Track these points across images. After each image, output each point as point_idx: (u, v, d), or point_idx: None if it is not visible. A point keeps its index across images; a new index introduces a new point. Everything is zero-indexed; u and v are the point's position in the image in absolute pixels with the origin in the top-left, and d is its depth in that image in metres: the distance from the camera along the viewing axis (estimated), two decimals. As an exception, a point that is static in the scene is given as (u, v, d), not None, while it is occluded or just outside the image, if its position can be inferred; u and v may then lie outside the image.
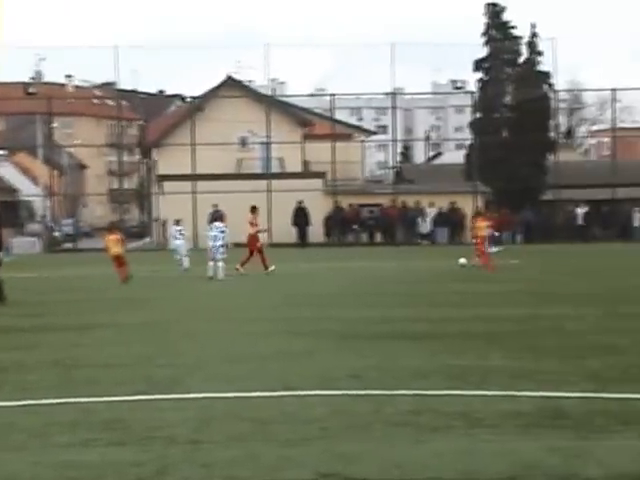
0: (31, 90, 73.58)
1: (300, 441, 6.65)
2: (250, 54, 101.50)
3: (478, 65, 57.02)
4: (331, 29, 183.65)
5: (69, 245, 61.16)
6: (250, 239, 28.14)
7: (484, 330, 13.05)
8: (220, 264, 25.53)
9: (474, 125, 57.92)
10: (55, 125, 75.98)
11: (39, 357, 11.24)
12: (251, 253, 28.02)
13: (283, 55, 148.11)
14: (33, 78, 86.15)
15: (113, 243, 26.02)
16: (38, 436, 6.93)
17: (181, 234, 31.75)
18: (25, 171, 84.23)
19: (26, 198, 76.55)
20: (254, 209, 29.43)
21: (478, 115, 57.89)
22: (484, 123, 56.63)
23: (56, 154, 78.72)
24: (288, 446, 6.52)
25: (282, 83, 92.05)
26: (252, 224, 28.58)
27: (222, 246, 25.82)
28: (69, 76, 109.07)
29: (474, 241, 30.66)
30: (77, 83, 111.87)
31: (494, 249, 32.10)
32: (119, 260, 25.64)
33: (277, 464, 6.07)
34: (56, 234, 63.83)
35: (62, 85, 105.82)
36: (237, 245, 29.59)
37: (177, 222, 32.68)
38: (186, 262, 29.95)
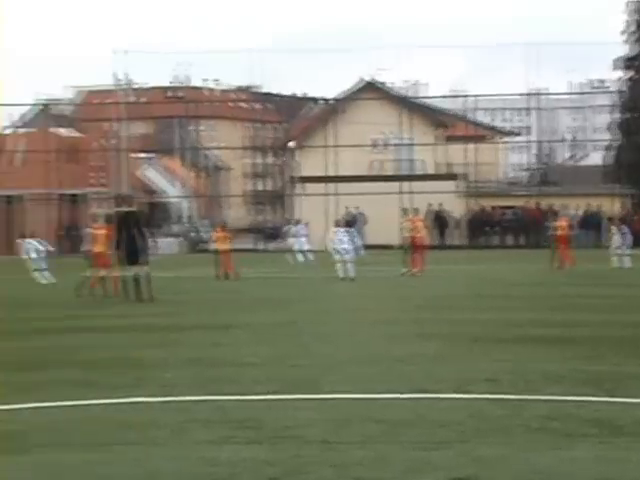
0: (174, 94, 75.32)
1: (433, 444, 6.62)
2: (383, 56, 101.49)
3: (624, 63, 55.33)
4: (465, 31, 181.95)
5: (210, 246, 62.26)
6: (414, 240, 27.97)
7: (616, 335, 12.76)
8: (349, 265, 25.83)
9: (621, 125, 56.21)
10: (196, 128, 77.55)
11: (179, 355, 11.52)
12: (417, 253, 27.92)
13: (417, 57, 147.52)
14: (177, 82, 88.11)
15: (221, 240, 28.76)
16: (177, 432, 7.12)
17: (301, 234, 32.92)
18: (170, 173, 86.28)
19: (170, 200, 78.47)
20: (414, 211, 30.19)
21: (624, 115, 56.14)
22: (631, 123, 54.81)
23: (199, 156, 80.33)
24: (420, 449, 6.51)
25: (417, 84, 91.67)
26: (413, 227, 28.47)
27: (351, 247, 26.17)
28: (211, 80, 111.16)
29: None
30: (218, 86, 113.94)
31: (627, 251, 31.04)
32: (226, 255, 28.14)
33: (410, 467, 6.07)
34: (201, 235, 65.16)
35: (203, 89, 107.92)
36: (371, 247, 29.72)
37: (297, 222, 33.80)
38: (299, 257, 31.31)
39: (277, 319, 16.01)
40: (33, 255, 28.38)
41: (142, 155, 78.54)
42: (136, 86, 70.33)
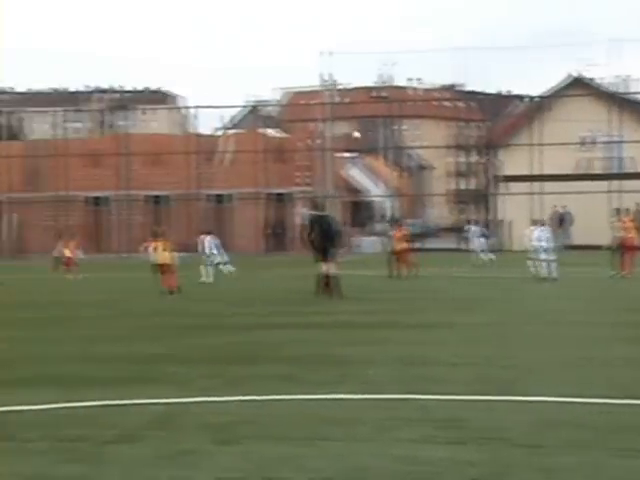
0: (378, 94, 75.88)
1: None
2: (592, 52, 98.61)
3: None
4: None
5: (413, 245, 62.45)
6: (624, 241, 27.13)
7: None
8: (552, 265, 25.33)
9: None
10: (399, 127, 77.82)
11: (383, 353, 11.57)
12: (627, 254, 27.04)
13: (630, 52, 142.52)
14: (380, 82, 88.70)
15: (399, 240, 29.34)
16: (380, 430, 7.13)
17: (479, 234, 33.66)
18: (372, 172, 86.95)
19: (373, 199, 79.08)
20: (625, 211, 29.41)
21: None
22: None
23: (402, 155, 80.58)
24: (632, 457, 6.25)
25: (628, 80, 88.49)
26: (624, 227, 27.62)
27: (551, 246, 25.75)
28: (415, 79, 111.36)
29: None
30: (422, 86, 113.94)
31: None
32: (403, 255, 28.80)
33: (621, 476, 5.85)
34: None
35: (407, 88, 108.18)
36: (577, 247, 29.03)
37: (476, 222, 34.45)
38: (483, 257, 32.17)
39: (479, 319, 15.84)
40: (214, 251, 29.70)
41: (346, 155, 79.45)
42: (340, 86, 71.24)
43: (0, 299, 23.42)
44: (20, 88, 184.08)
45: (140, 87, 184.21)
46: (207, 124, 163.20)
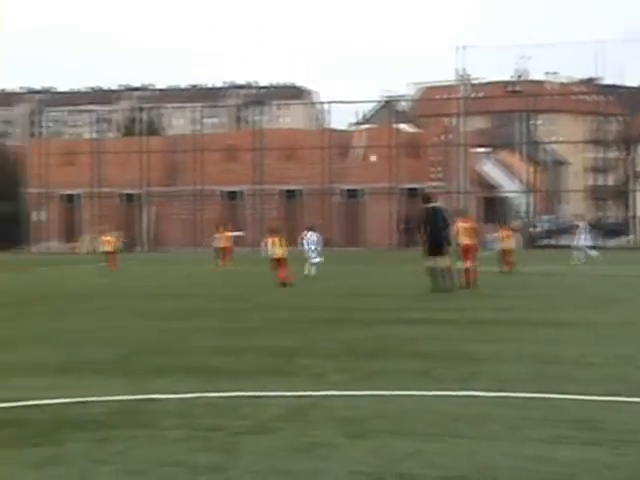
0: (514, 88, 74.82)
1: None
2: None
3: None
4: None
5: (548, 241, 61.47)
6: None
7: None
8: None
9: None
10: (535, 122, 76.56)
11: (515, 351, 11.43)
12: None
13: None
14: (520, 76, 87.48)
15: (506, 238, 29.76)
16: (511, 428, 7.06)
17: (580, 231, 33.75)
18: (507, 168, 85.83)
19: (507, 194, 78.08)
20: None
21: None
22: None
23: (537, 150, 79.28)
24: None
25: None
26: None
27: None
28: (551, 73, 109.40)
29: None
30: (559, 80, 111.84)
31: None
32: (505, 253, 29.30)
33: None
34: (536, 230, 64.45)
35: (543, 82, 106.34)
36: None
37: (582, 219, 34.49)
38: (588, 253, 32.42)
39: (611, 318, 15.48)
40: (312, 246, 31.20)
41: (480, 150, 78.66)
42: (475, 81, 70.55)
43: (139, 289, 24.09)
44: (160, 85, 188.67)
45: (275, 83, 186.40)
46: (341, 119, 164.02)
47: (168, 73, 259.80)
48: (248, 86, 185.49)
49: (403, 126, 69.40)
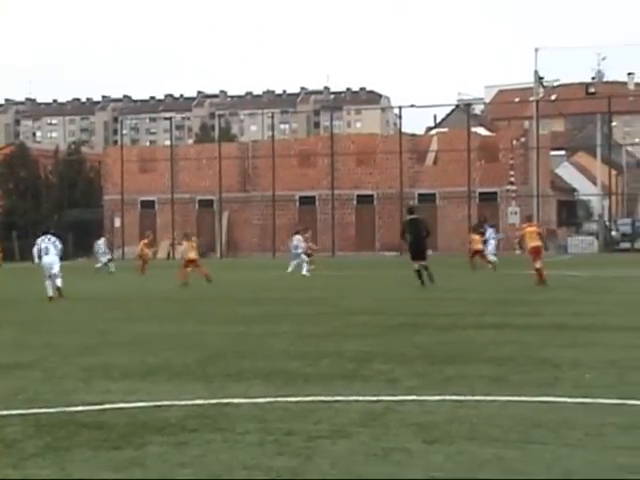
0: (591, 90, 73.81)
1: None
2: None
3: None
4: None
5: (626, 245, 60.51)
6: None
7: None
8: None
9: None
10: (612, 124, 75.46)
11: (595, 356, 11.23)
12: None
13: None
14: (594, 78, 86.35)
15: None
16: (593, 435, 6.93)
17: None
18: (583, 170, 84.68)
19: (584, 197, 77.00)
20: None
21: None
22: None
23: (615, 153, 78.13)
24: None
25: None
26: None
27: None
28: (630, 74, 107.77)
29: None
30: (636, 80, 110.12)
31: None
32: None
33: None
34: (613, 233, 63.46)
35: (623, 83, 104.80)
36: None
37: None
38: None
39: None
40: (298, 250, 33.31)
41: (556, 153, 77.72)
42: (556, 83, 69.71)
43: (216, 294, 24.26)
44: (234, 91, 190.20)
45: (349, 88, 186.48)
46: (415, 123, 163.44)
47: (243, 80, 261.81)
48: (322, 92, 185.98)
49: (478, 129, 68.88)
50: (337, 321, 16.36)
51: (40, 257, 23.94)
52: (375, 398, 8.52)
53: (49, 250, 23.89)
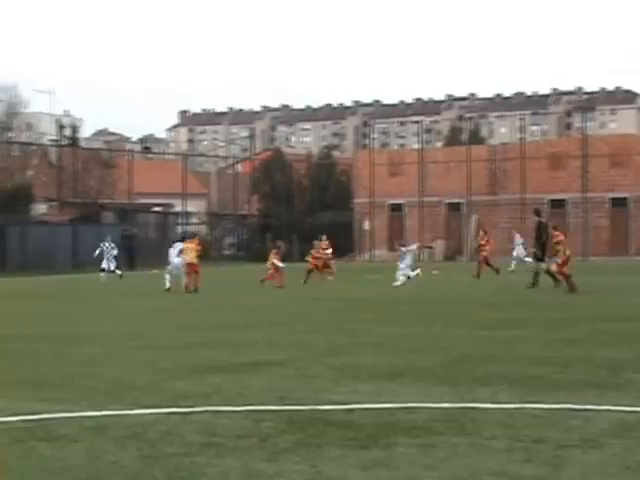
0: None
1: None
2: None
3: None
4: None
5: None
6: None
7: None
8: None
9: None
10: None
11: None
12: None
13: None
14: None
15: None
16: None
17: None
18: None
19: None
20: None
21: None
22: None
23: None
24: None
25: None
26: None
27: None
28: None
29: None
30: None
31: None
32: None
33: None
34: None
35: None
36: None
37: None
38: None
39: None
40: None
41: None
42: None
43: (463, 297, 24.17)
44: (483, 93, 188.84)
45: (603, 87, 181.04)
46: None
47: (492, 82, 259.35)
48: (575, 92, 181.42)
49: None
50: (585, 327, 15.90)
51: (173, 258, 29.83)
52: (629, 409, 8.23)
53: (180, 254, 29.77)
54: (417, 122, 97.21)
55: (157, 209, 69.34)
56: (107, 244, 38.97)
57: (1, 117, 68.61)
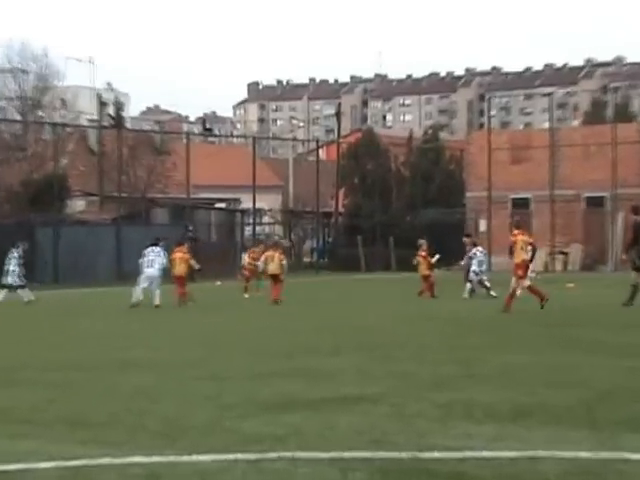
0: None
1: None
2: None
3: None
4: None
5: None
6: None
7: None
8: None
9: None
10: None
11: None
12: None
13: None
14: None
15: None
16: None
17: None
18: None
19: None
20: None
21: None
22: None
23: None
24: None
25: None
26: None
27: None
28: None
29: None
30: None
31: None
32: None
33: None
34: None
35: None
36: None
37: None
38: None
39: None
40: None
41: None
42: None
43: (606, 320, 23.93)
44: (634, 57, 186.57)
45: None
46: None
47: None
48: None
49: None
50: None
51: (144, 268, 30.82)
52: None
53: (154, 263, 30.79)
54: (547, 95, 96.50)
55: (221, 205, 69.76)
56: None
57: (30, 92, 69.39)
